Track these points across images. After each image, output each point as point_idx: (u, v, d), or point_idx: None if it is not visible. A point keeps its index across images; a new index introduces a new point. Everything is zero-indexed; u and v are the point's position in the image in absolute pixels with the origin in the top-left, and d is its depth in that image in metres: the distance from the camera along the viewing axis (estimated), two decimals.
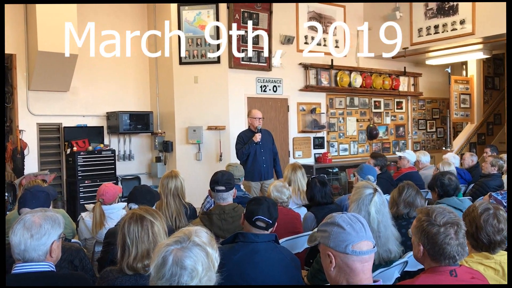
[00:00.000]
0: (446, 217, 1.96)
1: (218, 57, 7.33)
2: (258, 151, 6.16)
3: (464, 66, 10.72)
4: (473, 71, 10.41)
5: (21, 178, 5.48)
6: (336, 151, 9.21)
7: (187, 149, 7.42)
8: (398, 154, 6.39)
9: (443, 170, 4.74)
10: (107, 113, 7.44)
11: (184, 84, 7.36)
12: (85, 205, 4.20)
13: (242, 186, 4.73)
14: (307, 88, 8.50)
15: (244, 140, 6.23)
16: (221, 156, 7.42)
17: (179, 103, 7.39)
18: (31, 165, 6.68)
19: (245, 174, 5.46)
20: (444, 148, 9.42)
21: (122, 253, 2.13)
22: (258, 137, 6.15)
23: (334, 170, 8.66)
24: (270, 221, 2.58)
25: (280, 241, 3.04)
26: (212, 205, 3.56)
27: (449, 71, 9.17)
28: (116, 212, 3.73)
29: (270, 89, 8.07)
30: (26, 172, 6.30)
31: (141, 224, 2.10)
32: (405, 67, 10.00)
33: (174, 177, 3.87)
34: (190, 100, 7.37)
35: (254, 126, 6.26)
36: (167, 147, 7.50)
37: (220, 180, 3.30)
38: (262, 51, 7.75)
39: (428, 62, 9.86)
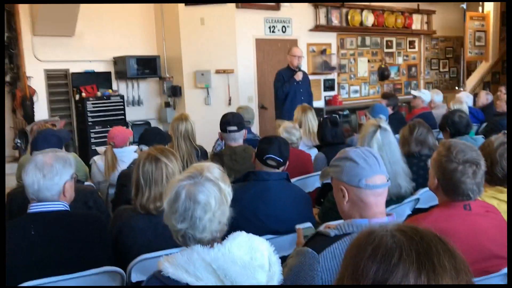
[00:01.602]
0: (467, 155, 1.92)
1: None
2: (297, 91, 6.15)
3: (480, 2, 10.41)
4: (489, 7, 10.13)
5: (32, 124, 5.52)
6: (346, 93, 9.26)
7: (196, 93, 7.45)
8: (413, 92, 6.31)
9: (454, 109, 4.70)
10: (114, 58, 7.37)
11: (191, 27, 7.29)
12: (97, 148, 4.23)
13: (252, 129, 4.81)
14: (317, 28, 8.43)
15: (284, 78, 6.17)
16: (230, 100, 7.45)
17: (185, 46, 7.34)
18: (41, 112, 6.72)
19: (282, 113, 5.81)
20: (457, 88, 9.45)
21: (136, 193, 2.15)
22: (300, 75, 6.12)
23: (345, 113, 8.72)
24: (281, 160, 2.58)
25: (292, 180, 2.99)
26: (223, 148, 3.60)
27: (465, 7, 9.00)
28: (128, 155, 3.75)
29: (279, 30, 8.04)
30: (36, 119, 6.33)
31: (156, 166, 2.11)
32: (418, 4, 9.80)
33: (184, 120, 3.90)
34: (197, 43, 7.32)
35: (294, 65, 6.20)
36: (175, 92, 7.50)
37: (232, 121, 3.32)
38: None
39: None
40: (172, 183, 1.48)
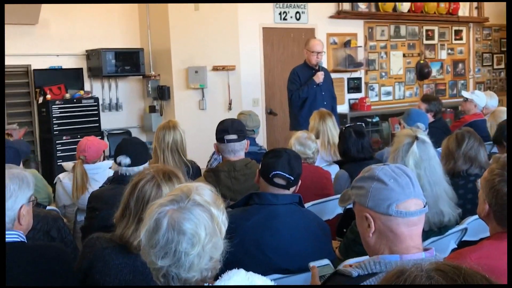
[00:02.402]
0: None
1: None
2: (318, 94, 6.14)
3: None
4: None
5: None
6: (376, 95, 9.22)
7: (188, 95, 7.46)
8: (464, 94, 6.30)
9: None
10: (86, 51, 7.40)
11: (182, 13, 7.31)
12: (63, 163, 4.27)
13: (258, 139, 4.86)
14: (340, 14, 8.45)
15: (300, 80, 6.16)
16: (230, 104, 7.45)
17: (176, 37, 7.35)
18: None
19: (299, 123, 5.82)
20: None
21: (120, 217, 2.15)
22: (320, 76, 6.12)
23: (374, 120, 8.71)
24: (292, 178, 2.57)
25: (306, 205, 3.07)
26: (219, 162, 3.60)
27: None
28: (102, 172, 3.77)
29: (292, 17, 8.07)
30: None
31: (157, 192, 2.12)
32: None
33: (172, 128, 3.92)
34: (190, 33, 7.33)
35: (312, 62, 6.20)
36: (163, 93, 7.54)
37: (230, 128, 3.33)
38: None
39: None
40: (151, 209, 1.47)
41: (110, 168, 3.81)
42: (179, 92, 7.45)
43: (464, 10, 9.97)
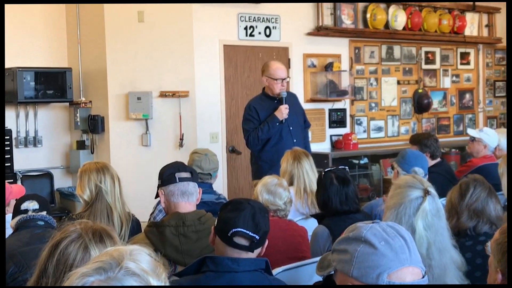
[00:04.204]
0: None
1: None
2: (285, 132, 6.14)
3: None
4: None
5: None
6: (365, 131, 9.22)
7: (128, 128, 7.43)
8: (471, 133, 6.38)
9: None
10: None
11: (122, 25, 7.35)
12: None
13: (217, 185, 4.96)
14: (320, 31, 8.51)
15: (259, 116, 6.14)
16: (182, 139, 7.42)
17: (114, 55, 7.36)
18: None
19: (263, 171, 5.62)
20: None
21: (35, 283, 2.11)
22: (284, 111, 6.07)
23: (362, 161, 8.63)
24: (257, 237, 2.57)
25: (276, 270, 3.06)
26: (165, 215, 3.55)
27: None
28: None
29: (260, 33, 8.10)
30: None
31: (85, 254, 2.11)
32: None
33: (101, 171, 3.88)
34: (132, 50, 7.35)
35: (275, 92, 6.19)
36: (95, 125, 7.49)
37: (181, 166, 3.37)
38: None
39: None
40: (70, 279, 1.44)
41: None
42: (116, 123, 7.42)
43: (471, 28, 10.11)
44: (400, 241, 1.71)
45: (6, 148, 7.01)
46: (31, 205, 3.15)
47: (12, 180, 6.79)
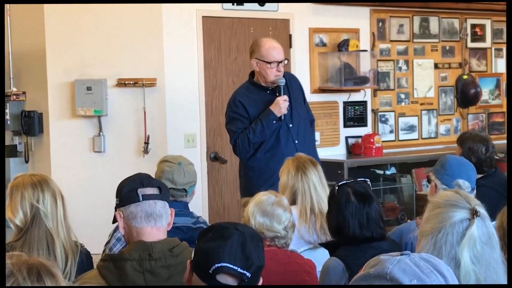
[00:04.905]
0: None
1: None
2: (283, 131, 6.12)
3: None
4: None
5: None
6: (392, 131, 9.01)
7: (74, 128, 7.39)
8: None
9: None
10: None
11: None
12: None
13: (193, 205, 5.04)
14: None
15: (248, 113, 6.06)
16: (147, 143, 7.25)
17: (55, 32, 7.29)
18: None
19: (254, 186, 5.78)
20: None
21: None
22: (283, 105, 5.96)
23: (389, 172, 8.58)
24: (248, 274, 2.56)
25: None
26: (125, 246, 3.59)
27: None
28: None
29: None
30: None
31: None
32: None
33: (38, 186, 3.84)
34: (79, 27, 7.29)
35: (268, 79, 6.02)
36: (30, 124, 7.43)
37: (146, 179, 3.32)
38: None
39: None
40: None
41: None
42: (59, 122, 7.36)
43: None
44: (438, 279, 1.77)
45: None
46: None
47: None
